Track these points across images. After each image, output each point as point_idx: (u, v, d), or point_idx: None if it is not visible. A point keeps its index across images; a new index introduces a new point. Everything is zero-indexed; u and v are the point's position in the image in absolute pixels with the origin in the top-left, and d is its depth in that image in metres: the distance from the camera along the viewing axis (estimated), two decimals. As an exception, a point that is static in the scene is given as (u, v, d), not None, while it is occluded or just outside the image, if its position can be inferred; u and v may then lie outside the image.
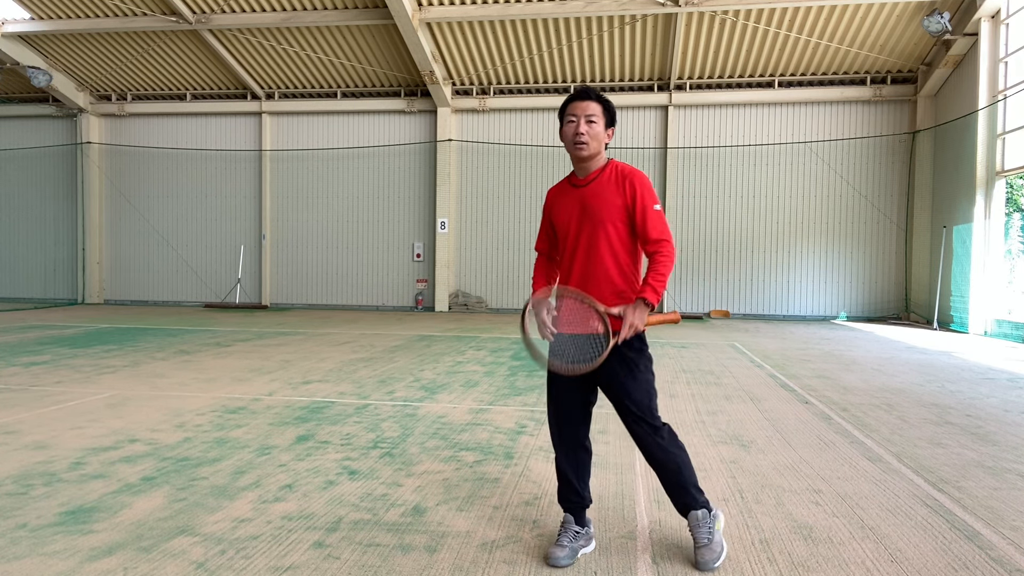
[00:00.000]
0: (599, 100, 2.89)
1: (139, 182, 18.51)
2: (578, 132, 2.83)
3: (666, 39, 14.79)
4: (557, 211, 2.99)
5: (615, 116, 2.97)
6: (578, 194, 2.92)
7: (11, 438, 4.66)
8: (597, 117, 2.86)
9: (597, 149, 2.89)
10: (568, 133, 2.88)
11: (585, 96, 2.89)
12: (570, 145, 2.88)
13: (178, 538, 3.02)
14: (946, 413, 5.73)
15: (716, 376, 7.49)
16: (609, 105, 2.93)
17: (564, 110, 2.92)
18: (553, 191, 3.06)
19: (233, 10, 15.05)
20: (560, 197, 3.00)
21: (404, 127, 17.34)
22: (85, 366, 7.73)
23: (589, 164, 2.92)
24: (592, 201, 2.87)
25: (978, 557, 2.93)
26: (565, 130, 2.90)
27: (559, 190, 3.03)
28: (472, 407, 5.80)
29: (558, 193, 3.02)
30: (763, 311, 16.18)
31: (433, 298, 17.05)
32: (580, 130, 2.83)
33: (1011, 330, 11.65)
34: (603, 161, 2.96)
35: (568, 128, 2.88)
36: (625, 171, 2.91)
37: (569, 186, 2.98)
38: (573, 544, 2.86)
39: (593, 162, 2.92)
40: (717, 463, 4.23)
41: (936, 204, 14.67)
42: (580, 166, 2.93)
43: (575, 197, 2.93)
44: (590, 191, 2.90)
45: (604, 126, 2.90)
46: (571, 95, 2.94)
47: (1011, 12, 12.22)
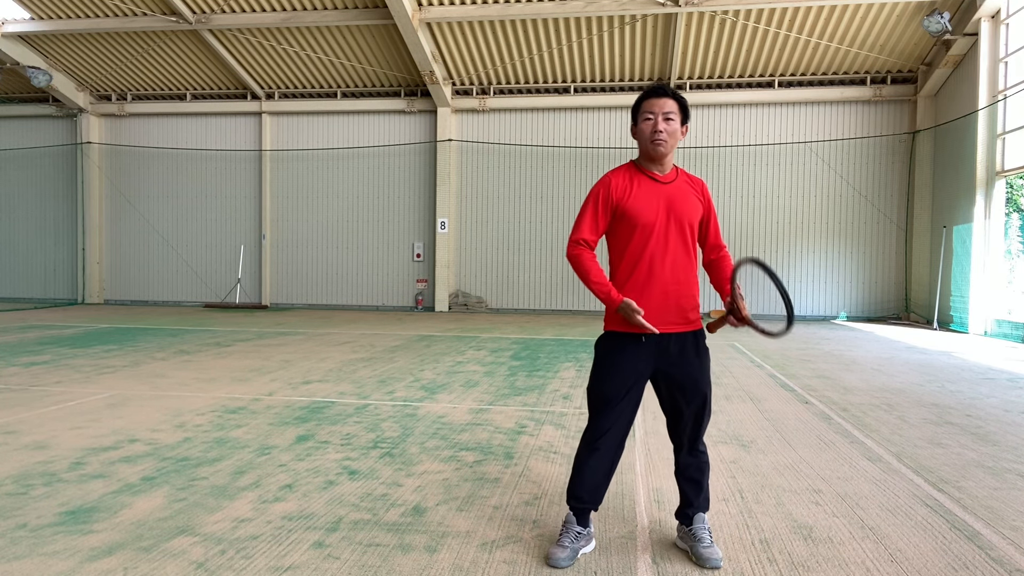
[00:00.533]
0: (675, 97, 2.85)
1: (139, 182, 18.51)
2: (656, 130, 2.79)
3: (666, 39, 14.79)
4: (636, 202, 2.83)
5: (689, 113, 2.91)
6: (663, 191, 2.84)
7: (11, 438, 4.66)
8: (674, 114, 2.82)
9: (673, 146, 2.85)
10: (646, 130, 2.82)
11: (662, 93, 2.84)
12: (648, 143, 2.82)
13: (178, 538, 3.02)
14: (946, 413, 5.73)
15: (716, 376, 7.49)
16: (684, 102, 2.89)
17: (639, 107, 2.87)
18: (621, 179, 2.88)
19: (233, 10, 15.05)
20: (639, 190, 2.85)
21: (404, 127, 17.34)
22: (85, 366, 7.73)
23: (667, 163, 2.88)
24: (678, 201, 2.85)
25: (978, 557, 2.93)
26: (642, 127, 2.84)
27: (631, 179, 2.88)
28: (472, 407, 5.80)
29: (635, 185, 2.87)
30: (763, 311, 16.17)
31: (433, 298, 17.05)
32: (659, 127, 2.79)
33: (1011, 330, 11.65)
34: (673, 161, 2.95)
35: (646, 125, 2.82)
36: (694, 179, 2.98)
37: (647, 179, 2.87)
38: (574, 544, 2.86)
39: (669, 160, 2.90)
40: (717, 463, 4.23)
41: (936, 204, 14.66)
42: (658, 164, 2.87)
43: (659, 193, 2.84)
44: (674, 190, 2.86)
45: (680, 123, 2.86)
46: (647, 91, 2.88)
47: (1011, 12, 12.22)
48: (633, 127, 2.91)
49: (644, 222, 2.81)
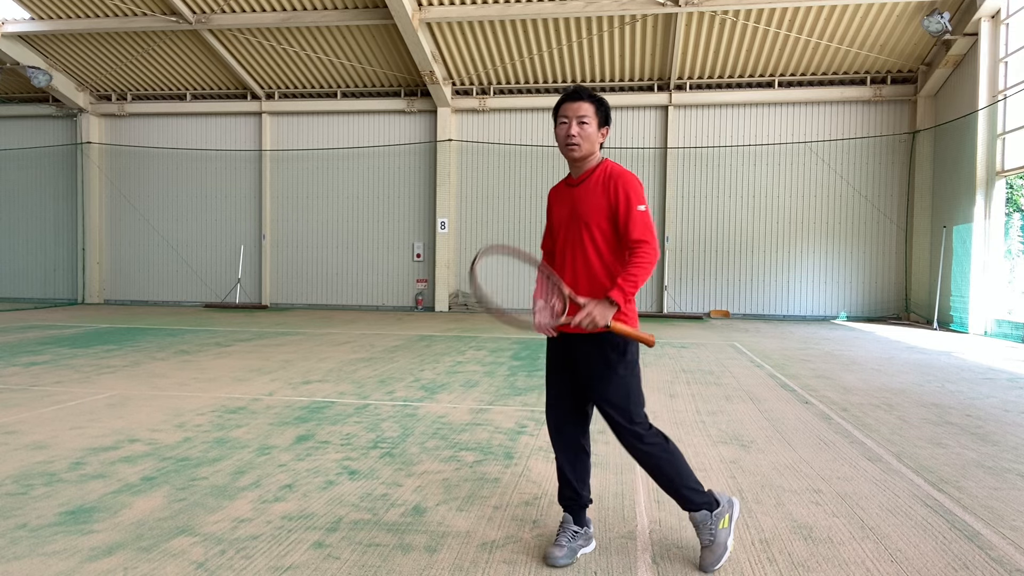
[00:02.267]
0: (591, 100, 2.86)
1: (139, 182, 18.51)
2: (569, 134, 2.83)
3: (666, 39, 14.79)
4: (553, 210, 3.02)
5: (609, 115, 2.93)
6: (570, 194, 2.93)
7: (11, 438, 4.66)
8: (589, 118, 2.83)
9: (589, 150, 2.86)
10: (560, 135, 2.87)
11: (576, 97, 2.85)
12: (562, 147, 2.88)
13: (178, 538, 3.02)
14: (946, 413, 5.73)
15: (716, 376, 7.49)
16: (602, 104, 2.89)
17: (556, 111, 2.91)
18: (553, 190, 3.09)
19: (233, 10, 15.05)
20: (557, 196, 3.03)
21: (404, 127, 17.34)
22: (85, 366, 7.73)
23: (582, 164, 2.90)
24: (580, 201, 2.88)
25: (978, 557, 2.93)
26: (557, 131, 2.90)
27: (557, 189, 3.05)
28: (472, 407, 5.80)
29: (556, 192, 3.05)
30: (763, 311, 16.18)
31: (433, 298, 17.05)
32: (571, 132, 2.82)
33: (1011, 330, 11.65)
34: (596, 161, 2.93)
35: (560, 129, 2.87)
36: (614, 172, 2.86)
37: (564, 186, 3.01)
38: (571, 544, 2.86)
39: (586, 162, 2.90)
40: (717, 463, 4.23)
41: (936, 204, 14.66)
42: (574, 166, 2.93)
43: (568, 196, 2.95)
44: (580, 191, 2.90)
45: (597, 126, 2.87)
46: (563, 95, 2.92)
47: (1011, 12, 12.22)
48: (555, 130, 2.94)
49: (554, 226, 2.98)
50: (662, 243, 16.27)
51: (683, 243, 16.28)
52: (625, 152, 16.32)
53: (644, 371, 7.71)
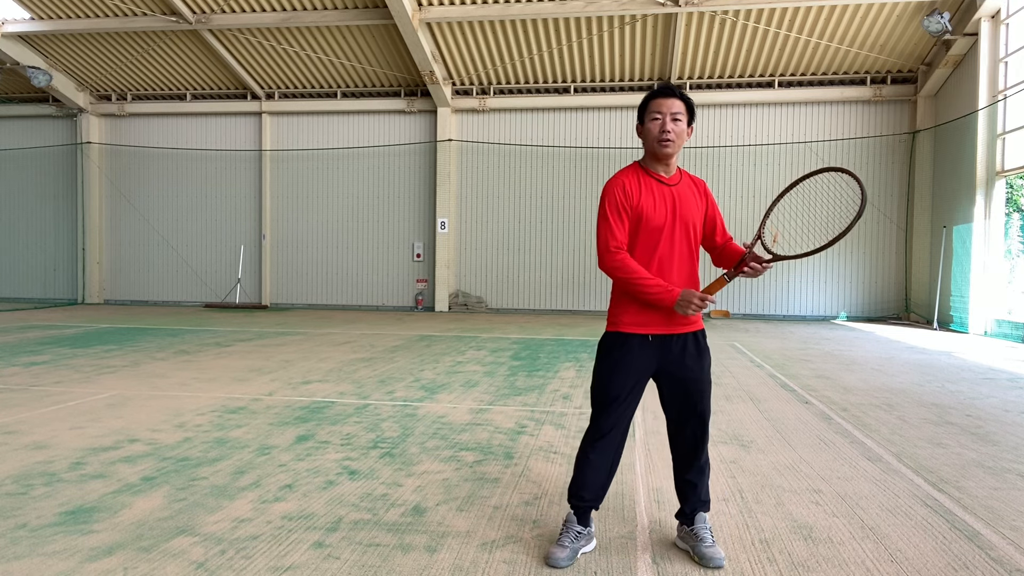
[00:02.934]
0: (683, 98, 2.85)
1: (139, 182, 18.51)
2: (664, 130, 2.79)
3: (666, 39, 14.79)
4: (647, 204, 2.85)
5: (695, 113, 2.93)
6: (668, 192, 2.87)
7: (11, 438, 4.66)
8: (681, 115, 2.82)
9: (679, 147, 2.86)
10: (653, 130, 2.82)
11: (670, 93, 2.83)
12: (655, 143, 2.82)
13: (178, 538, 3.02)
14: (946, 413, 5.73)
15: (716, 376, 7.49)
16: (691, 103, 2.90)
17: (646, 106, 2.87)
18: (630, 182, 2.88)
19: (233, 10, 15.05)
20: (646, 190, 2.87)
21: (404, 127, 17.34)
22: (85, 366, 7.73)
23: (671, 164, 2.90)
24: (685, 202, 2.88)
25: (978, 557, 2.93)
26: (649, 127, 2.83)
27: (639, 182, 2.88)
28: (472, 407, 5.80)
29: (640, 185, 2.88)
30: (763, 311, 16.18)
31: (433, 298, 17.05)
32: (667, 128, 2.79)
33: (1011, 330, 11.65)
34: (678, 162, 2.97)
35: (653, 125, 2.82)
36: (696, 180, 3.01)
37: (654, 181, 2.88)
38: (574, 544, 2.86)
39: (674, 161, 2.91)
40: (717, 463, 4.23)
41: (936, 204, 14.66)
42: (663, 165, 2.88)
43: (666, 194, 2.87)
44: (680, 192, 2.89)
45: (686, 124, 2.86)
46: (655, 91, 2.87)
47: (1011, 12, 12.22)
48: (639, 126, 2.90)
49: (654, 224, 2.83)
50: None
51: (683, 243, 16.27)
52: (625, 152, 16.32)
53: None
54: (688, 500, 2.98)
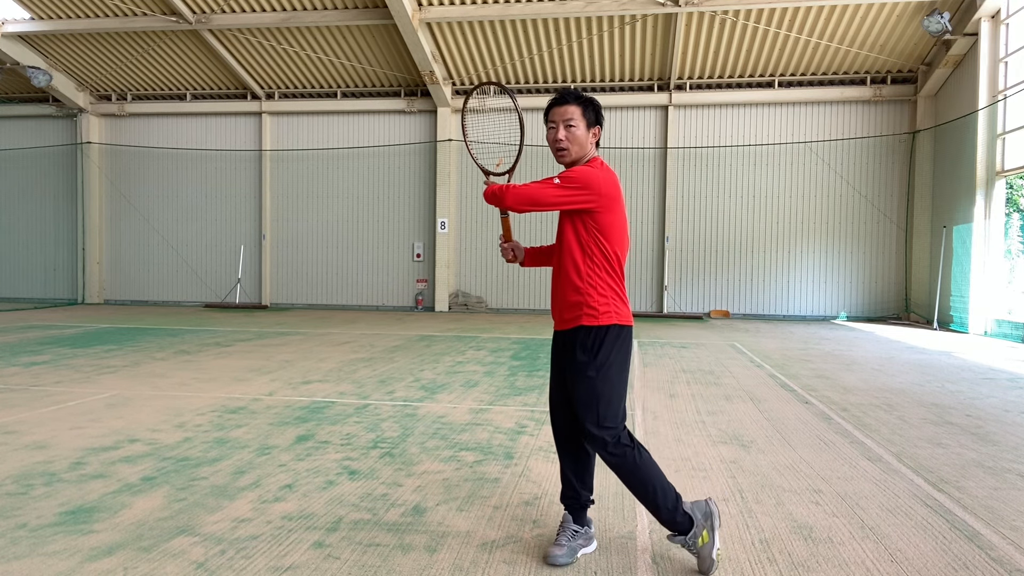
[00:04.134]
0: (578, 101, 2.85)
1: (139, 182, 18.51)
2: (557, 139, 2.84)
3: (666, 39, 14.79)
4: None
5: (600, 114, 2.91)
6: None
7: (11, 438, 4.66)
8: (576, 120, 2.83)
9: (580, 152, 2.86)
10: (549, 139, 2.90)
11: (562, 100, 2.86)
12: (552, 151, 2.90)
13: (178, 538, 3.02)
14: (946, 413, 5.73)
15: (716, 376, 7.49)
16: (590, 104, 2.87)
17: (545, 115, 2.93)
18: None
19: (233, 10, 15.05)
20: None
21: (404, 127, 17.34)
22: (85, 366, 7.73)
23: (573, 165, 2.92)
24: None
25: (978, 557, 2.93)
26: (547, 136, 2.92)
27: None
28: (472, 407, 5.80)
29: None
30: (763, 311, 16.18)
31: (433, 298, 17.05)
32: (559, 136, 2.83)
33: (1011, 330, 11.65)
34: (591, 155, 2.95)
35: (549, 134, 2.89)
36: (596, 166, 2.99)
37: None
38: (571, 543, 2.86)
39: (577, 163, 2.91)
40: (717, 463, 4.23)
41: (936, 204, 14.66)
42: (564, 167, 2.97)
43: None
44: None
45: (586, 127, 2.85)
46: (551, 100, 2.91)
47: (1011, 12, 12.21)
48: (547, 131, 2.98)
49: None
50: (662, 243, 16.28)
51: (683, 243, 16.28)
52: (625, 152, 16.32)
53: (644, 371, 7.71)
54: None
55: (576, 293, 2.80)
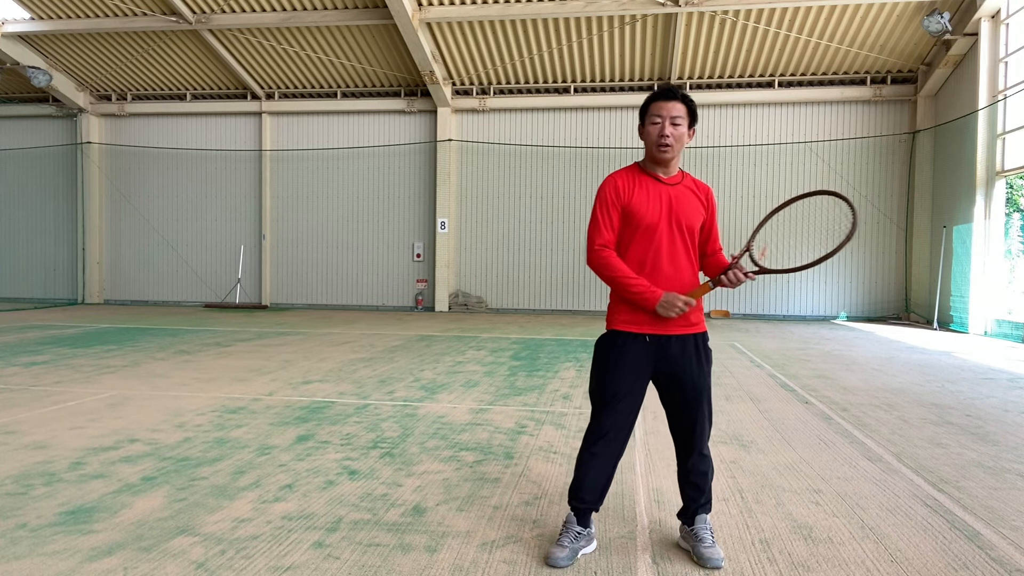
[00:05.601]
0: (684, 100, 2.82)
1: (139, 182, 18.51)
2: (663, 134, 2.77)
3: (666, 39, 14.79)
4: (640, 201, 2.85)
5: (697, 115, 2.89)
6: (664, 191, 2.85)
7: (11, 438, 4.66)
8: (682, 119, 2.79)
9: (679, 151, 2.84)
10: (652, 134, 2.80)
11: (671, 96, 2.80)
12: (654, 147, 2.81)
13: (178, 538, 3.02)
14: (946, 413, 5.73)
15: (716, 376, 7.49)
16: (693, 105, 2.86)
17: (647, 109, 2.85)
18: (625, 179, 2.91)
19: (233, 10, 15.05)
20: (639, 188, 2.87)
21: (404, 127, 17.34)
22: (85, 366, 7.73)
23: (672, 165, 2.87)
24: (683, 204, 2.86)
25: (978, 557, 2.93)
26: (648, 130, 2.82)
27: (634, 180, 2.90)
28: (472, 407, 5.80)
29: (635, 183, 2.89)
30: (763, 311, 16.18)
31: (433, 298, 17.05)
32: (665, 132, 2.76)
33: (1011, 330, 11.64)
34: (679, 163, 2.95)
35: (652, 129, 2.80)
36: (700, 184, 2.97)
37: (650, 179, 2.89)
38: (574, 545, 2.86)
39: (675, 163, 2.89)
40: (717, 463, 4.23)
41: (936, 204, 14.66)
42: (663, 167, 2.87)
43: (662, 192, 2.86)
44: (679, 192, 2.87)
45: (687, 127, 2.83)
46: (655, 93, 2.84)
47: (1011, 12, 12.22)
48: (640, 127, 2.88)
49: (648, 222, 2.82)
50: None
51: (683, 243, 16.26)
52: (625, 152, 16.32)
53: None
54: (690, 500, 2.98)
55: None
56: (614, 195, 2.86)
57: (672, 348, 2.83)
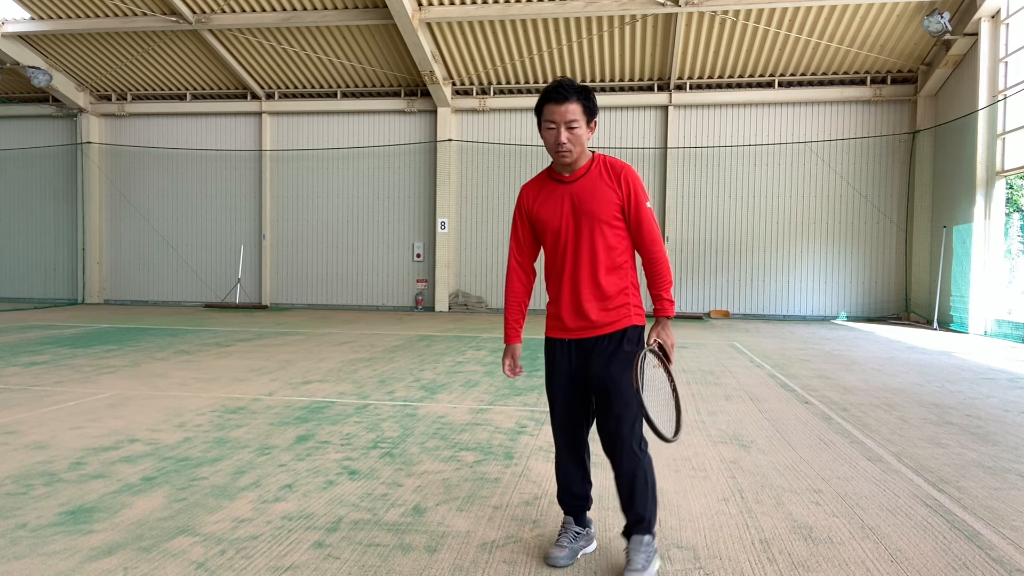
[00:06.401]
0: (578, 98, 2.63)
1: (139, 182, 18.51)
2: (559, 142, 2.63)
3: (666, 39, 14.79)
4: (541, 210, 2.77)
5: (596, 107, 2.70)
6: (567, 190, 2.72)
7: (11, 438, 4.66)
8: (578, 120, 2.63)
9: (581, 151, 2.69)
10: (549, 141, 2.66)
11: (563, 98, 2.61)
12: (552, 153, 2.70)
13: (178, 538, 3.02)
14: (946, 413, 5.73)
15: (716, 376, 7.49)
16: (588, 99, 2.66)
17: (540, 112, 2.68)
18: (532, 188, 2.84)
19: (233, 10, 15.04)
20: (544, 194, 2.79)
21: (404, 127, 17.34)
22: (85, 366, 7.73)
23: (575, 163, 2.73)
24: (585, 198, 2.69)
25: (978, 557, 2.93)
26: (545, 136, 2.68)
27: (538, 186, 2.82)
28: (472, 407, 5.80)
29: (538, 190, 2.81)
30: (763, 311, 16.18)
31: (433, 298, 17.05)
32: (561, 140, 2.62)
33: (1011, 330, 11.64)
34: (588, 156, 2.76)
35: (548, 136, 2.66)
36: (616, 165, 2.74)
37: (551, 181, 2.79)
38: (573, 545, 2.86)
39: (579, 161, 2.73)
40: (717, 463, 4.23)
41: (936, 204, 14.66)
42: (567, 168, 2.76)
43: (563, 194, 2.73)
44: (582, 187, 2.71)
45: (586, 124, 2.67)
46: (546, 95, 2.64)
47: (1011, 12, 12.21)
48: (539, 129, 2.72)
49: (550, 231, 2.75)
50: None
51: (683, 243, 16.27)
52: (625, 152, 16.32)
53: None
54: (623, 513, 2.77)
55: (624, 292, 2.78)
56: (519, 207, 2.85)
57: (589, 348, 2.73)
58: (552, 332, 2.83)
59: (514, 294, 2.88)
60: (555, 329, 2.81)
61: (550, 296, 2.84)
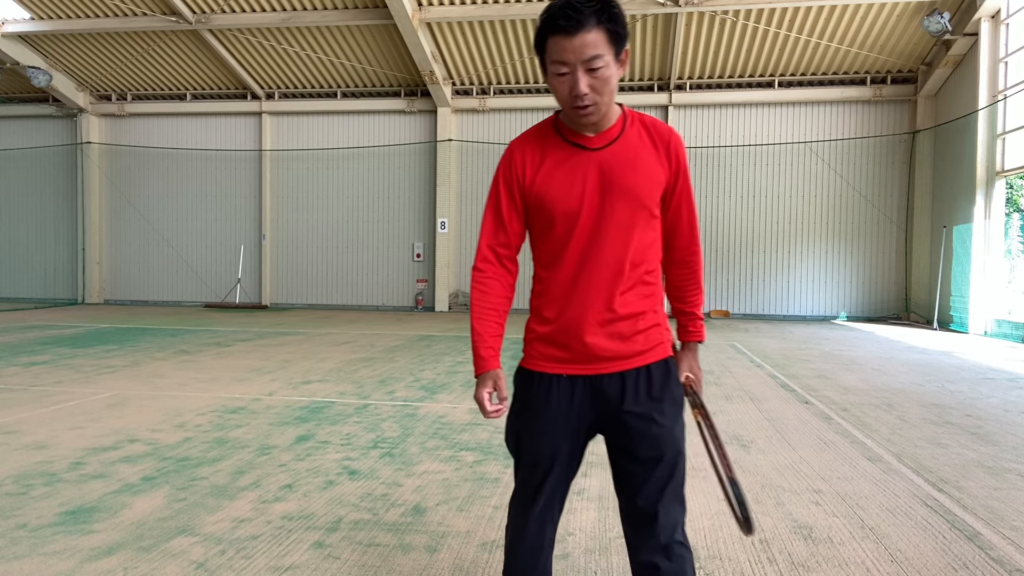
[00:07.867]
0: (599, 21, 1.66)
1: (139, 182, 18.51)
2: (577, 93, 1.70)
3: (666, 39, 14.79)
4: (548, 182, 1.81)
5: (625, 30, 1.73)
6: (592, 159, 1.80)
7: (11, 438, 4.66)
8: (603, 55, 1.67)
9: (610, 102, 1.77)
10: (562, 91, 1.73)
11: (575, 25, 1.64)
12: (567, 109, 1.76)
13: (178, 538, 3.02)
14: (946, 413, 5.73)
15: (716, 376, 7.49)
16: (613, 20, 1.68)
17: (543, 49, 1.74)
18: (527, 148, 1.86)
19: (233, 10, 15.04)
20: (548, 160, 1.83)
21: (404, 127, 17.34)
22: (85, 366, 7.73)
23: (603, 122, 1.81)
24: (622, 171, 1.79)
25: (978, 557, 2.93)
26: (554, 84, 1.74)
27: (539, 147, 1.85)
28: (472, 407, 5.79)
29: (540, 153, 1.84)
30: (763, 311, 16.18)
31: (433, 298, 17.05)
32: (581, 89, 1.69)
33: (1011, 330, 11.64)
34: (617, 111, 1.84)
35: (560, 84, 1.73)
36: (660, 129, 1.86)
37: (563, 143, 1.83)
38: None
39: (608, 116, 1.81)
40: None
41: (936, 204, 14.66)
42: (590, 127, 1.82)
43: (585, 163, 1.80)
44: (614, 155, 1.80)
45: (614, 59, 1.71)
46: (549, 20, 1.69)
47: (1011, 12, 12.21)
48: (544, 74, 1.79)
49: (563, 210, 1.80)
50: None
51: (683, 243, 16.26)
52: (625, 152, 16.30)
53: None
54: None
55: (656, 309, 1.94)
56: (508, 174, 1.86)
57: (612, 389, 1.84)
58: (541, 364, 1.93)
59: (489, 298, 1.91)
60: (548, 360, 1.91)
61: (542, 309, 1.90)
